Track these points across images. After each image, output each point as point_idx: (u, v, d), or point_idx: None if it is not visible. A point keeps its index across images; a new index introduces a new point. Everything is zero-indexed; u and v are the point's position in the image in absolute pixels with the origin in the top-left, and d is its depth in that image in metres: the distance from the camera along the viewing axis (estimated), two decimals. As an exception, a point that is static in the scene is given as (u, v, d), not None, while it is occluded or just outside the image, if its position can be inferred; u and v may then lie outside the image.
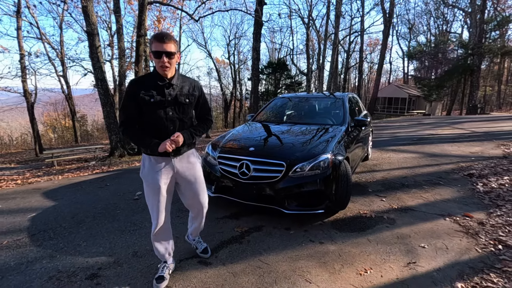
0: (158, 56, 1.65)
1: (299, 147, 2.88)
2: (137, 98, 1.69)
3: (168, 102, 1.74)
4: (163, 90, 1.73)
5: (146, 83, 1.73)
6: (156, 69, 1.73)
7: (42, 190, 3.96)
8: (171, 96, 1.75)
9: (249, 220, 2.87)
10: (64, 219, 2.92)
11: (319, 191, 2.68)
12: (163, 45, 1.64)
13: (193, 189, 1.96)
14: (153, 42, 1.66)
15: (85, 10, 8.52)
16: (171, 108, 1.76)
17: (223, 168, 2.96)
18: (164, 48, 1.64)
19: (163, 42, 1.63)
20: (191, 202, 2.01)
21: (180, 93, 1.79)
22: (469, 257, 2.24)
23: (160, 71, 1.71)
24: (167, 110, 1.75)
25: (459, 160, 5.43)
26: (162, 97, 1.73)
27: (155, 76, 1.74)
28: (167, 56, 1.65)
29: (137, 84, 1.73)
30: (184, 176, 1.90)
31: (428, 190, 3.80)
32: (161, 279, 1.90)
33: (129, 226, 2.76)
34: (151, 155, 1.79)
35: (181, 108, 1.81)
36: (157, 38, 1.64)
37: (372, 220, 2.91)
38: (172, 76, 1.77)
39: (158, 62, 1.67)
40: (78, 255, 2.24)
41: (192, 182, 1.94)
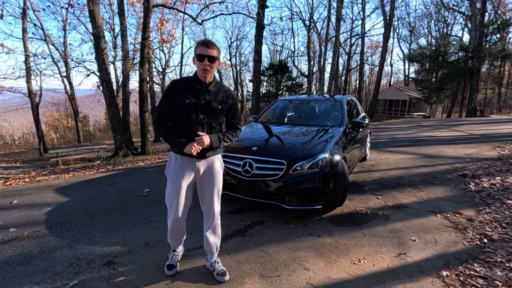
0: (201, 59, 1.76)
1: (299, 147, 3.08)
2: (173, 97, 1.81)
3: (201, 106, 1.83)
4: (198, 94, 1.82)
5: (185, 84, 1.84)
6: (196, 72, 1.85)
7: (54, 186, 4.16)
8: (205, 100, 1.84)
9: (251, 215, 3.06)
10: (78, 213, 3.11)
11: (318, 188, 2.87)
12: (207, 50, 1.75)
13: (211, 191, 2.00)
14: (198, 47, 1.77)
15: (91, 13, 8.74)
16: (202, 112, 1.85)
17: (227, 167, 3.15)
18: (207, 52, 1.75)
19: (207, 47, 1.75)
20: (206, 203, 2.04)
21: (214, 99, 1.87)
22: (456, 249, 2.42)
23: (201, 73, 1.81)
24: (198, 114, 1.83)
25: (454, 161, 5.60)
26: (197, 100, 1.82)
27: (194, 79, 1.85)
28: (209, 60, 1.76)
29: (176, 85, 1.86)
30: (206, 180, 1.98)
31: (422, 189, 3.98)
32: (171, 267, 2.06)
33: (139, 220, 2.95)
34: (178, 153, 1.89)
35: (213, 113, 1.88)
36: (202, 43, 1.77)
37: (368, 216, 3.10)
38: (210, 82, 1.86)
39: (200, 65, 1.77)
40: (95, 245, 2.43)
41: (211, 184, 1.99)
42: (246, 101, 35.32)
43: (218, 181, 2.03)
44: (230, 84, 36.24)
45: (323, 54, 19.91)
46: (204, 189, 2.01)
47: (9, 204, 3.43)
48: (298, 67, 32.16)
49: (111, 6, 21.38)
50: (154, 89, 22.72)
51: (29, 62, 16.20)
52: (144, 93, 10.28)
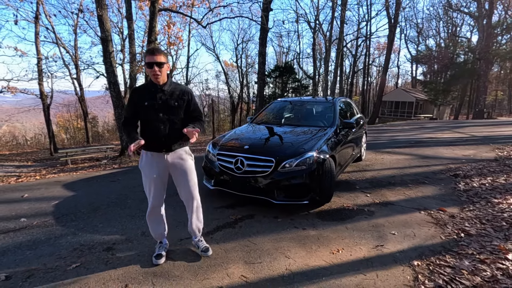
0: (150, 67, 1.97)
1: (288, 146, 3.26)
2: (135, 102, 2.07)
3: (158, 105, 2.04)
4: (155, 95, 2.05)
5: (142, 90, 2.09)
6: (150, 78, 2.06)
7: (62, 182, 4.43)
8: (161, 100, 2.05)
9: (242, 210, 3.25)
10: (82, 206, 3.36)
11: (304, 185, 3.05)
12: (154, 57, 1.96)
13: (184, 181, 2.21)
14: (146, 56, 1.99)
15: (100, 18, 9.09)
16: (161, 111, 2.05)
17: (221, 164, 3.36)
18: (155, 59, 1.96)
19: (154, 55, 1.96)
20: (183, 193, 2.26)
21: (170, 97, 2.08)
22: (432, 243, 2.57)
23: (153, 78, 2.03)
24: (158, 113, 2.05)
25: (449, 162, 5.68)
26: (154, 101, 2.04)
27: (150, 84, 2.08)
28: (157, 66, 1.97)
29: (136, 91, 2.11)
30: (176, 170, 2.18)
31: (411, 188, 4.11)
32: (159, 256, 2.25)
33: (138, 212, 3.17)
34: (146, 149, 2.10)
35: (171, 111, 2.08)
36: (149, 52, 2.00)
37: (353, 212, 3.25)
38: (164, 83, 2.08)
39: (151, 71, 1.99)
40: (96, 233, 2.66)
41: (183, 175, 2.20)
42: (252, 103, 35.58)
43: (190, 171, 2.22)
44: (236, 85, 36.56)
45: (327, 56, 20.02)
46: (178, 180, 2.22)
47: (20, 197, 3.71)
48: (303, 68, 32.28)
49: (120, 10, 22.00)
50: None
51: (41, 64, 16.78)
52: (150, 95, 10.59)
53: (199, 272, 2.11)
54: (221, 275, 2.08)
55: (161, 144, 2.09)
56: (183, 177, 2.20)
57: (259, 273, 2.10)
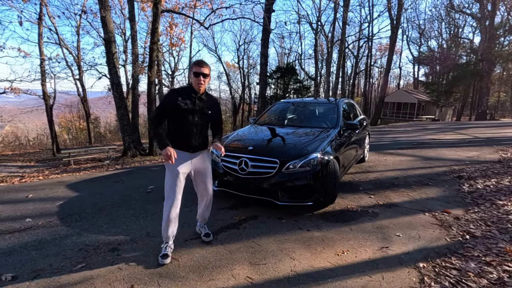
0: (197, 76, 2.25)
1: (292, 147, 3.26)
2: (174, 103, 2.25)
3: (196, 110, 2.31)
4: (195, 101, 2.31)
5: (184, 93, 2.30)
6: (193, 85, 2.30)
7: (66, 183, 4.45)
8: (199, 106, 2.33)
9: (247, 211, 3.25)
10: (87, 206, 3.37)
11: (309, 186, 3.04)
12: (201, 68, 2.25)
13: (203, 180, 2.47)
14: (194, 66, 2.27)
15: (103, 19, 9.14)
16: (197, 115, 2.32)
17: (225, 165, 3.36)
18: (201, 70, 2.25)
19: (201, 66, 2.25)
20: (201, 190, 2.51)
21: (205, 106, 2.37)
22: (437, 245, 2.56)
23: (196, 86, 2.28)
24: (194, 116, 2.31)
25: (453, 164, 5.67)
26: (193, 106, 2.30)
27: (191, 89, 2.32)
28: (203, 76, 2.25)
29: (177, 93, 2.31)
30: (198, 168, 2.42)
31: (415, 189, 4.10)
32: (165, 256, 2.30)
33: (142, 213, 3.18)
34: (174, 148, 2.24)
35: (204, 117, 2.37)
36: (197, 63, 2.28)
37: (358, 213, 3.25)
38: (203, 93, 2.35)
39: (196, 80, 2.26)
40: (101, 234, 2.67)
41: (203, 174, 2.46)
42: (254, 104, 35.60)
43: (208, 167, 2.51)
44: (238, 86, 36.61)
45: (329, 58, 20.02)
46: (198, 177, 2.46)
47: (25, 198, 3.73)
48: (305, 70, 32.30)
49: (122, 11, 22.09)
50: (162, 91, 23.21)
51: (44, 65, 16.86)
52: (153, 96, 10.64)
53: (205, 273, 2.11)
54: (226, 276, 2.08)
55: (190, 145, 2.34)
56: (203, 175, 2.46)
57: (265, 274, 2.10)
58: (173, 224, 2.37)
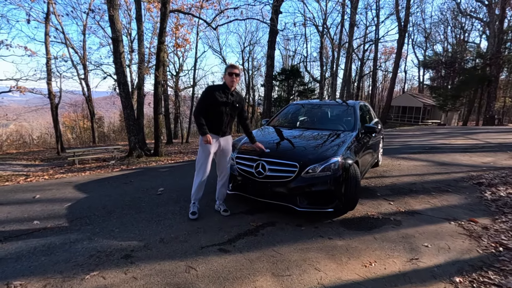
0: (231, 75, 2.90)
1: (311, 150, 3.11)
2: (212, 96, 2.87)
3: (228, 103, 2.94)
4: (228, 95, 2.95)
5: (219, 89, 2.93)
6: (226, 82, 2.94)
7: (74, 183, 4.33)
8: (231, 100, 2.96)
9: (263, 216, 3.10)
10: (96, 209, 3.24)
11: (329, 191, 2.89)
12: (234, 69, 2.91)
13: (225, 158, 3.09)
14: (229, 68, 2.93)
15: (111, 18, 9.06)
16: (229, 107, 2.96)
17: (240, 168, 3.22)
18: (235, 71, 2.91)
19: (234, 68, 2.92)
20: (221, 167, 3.11)
21: (235, 100, 3.01)
22: (469, 257, 2.40)
23: (230, 84, 2.92)
24: (227, 108, 2.95)
25: (469, 169, 5.49)
26: (227, 100, 2.93)
27: (224, 86, 2.95)
28: (235, 76, 2.92)
29: (214, 89, 2.92)
30: (223, 148, 3.04)
31: (435, 196, 3.93)
32: (194, 213, 3.03)
33: (154, 217, 3.05)
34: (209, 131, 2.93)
35: (234, 109, 3.03)
36: (232, 66, 2.94)
37: (379, 221, 3.09)
38: (233, 90, 3.00)
39: (230, 79, 2.90)
40: (113, 239, 2.53)
41: (225, 154, 3.08)
42: (258, 106, 35.49)
43: (229, 152, 3.13)
44: (242, 88, 36.54)
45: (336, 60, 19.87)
46: (221, 156, 3.08)
47: (32, 198, 3.60)
48: (310, 72, 32.15)
49: (129, 12, 22.09)
50: (167, 92, 23.15)
51: (50, 64, 16.86)
52: (159, 96, 10.53)
53: (226, 285, 1.96)
54: (249, 288, 1.93)
55: (220, 130, 2.98)
56: (225, 155, 3.09)
57: (290, 287, 1.95)
58: (199, 191, 3.06)
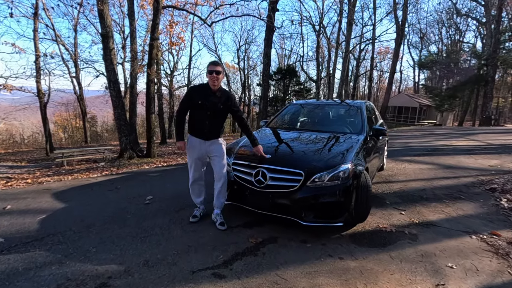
0: (211, 73, 2.61)
1: (318, 156, 2.77)
2: (191, 97, 2.69)
3: (208, 106, 2.65)
4: (208, 98, 2.66)
5: (200, 90, 2.71)
6: (208, 82, 2.67)
7: (53, 190, 3.91)
8: (211, 102, 2.66)
9: (263, 230, 2.75)
10: (73, 223, 2.85)
11: (339, 203, 2.56)
12: (214, 67, 2.61)
13: (217, 162, 2.79)
14: (209, 66, 2.63)
15: (101, 13, 8.62)
16: (209, 110, 2.67)
17: (237, 175, 2.87)
18: (215, 68, 2.61)
19: (215, 65, 2.63)
20: (216, 170, 2.80)
21: (218, 101, 2.69)
22: (502, 281, 2.08)
23: (211, 83, 2.64)
24: (207, 111, 2.66)
25: (478, 173, 5.23)
26: (206, 102, 2.65)
27: (206, 87, 2.69)
28: (216, 74, 2.61)
29: (194, 90, 2.76)
30: (211, 153, 2.78)
31: (449, 204, 3.63)
32: (195, 217, 2.91)
33: (140, 232, 2.67)
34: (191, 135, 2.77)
35: (216, 111, 2.72)
36: (212, 63, 2.65)
37: (393, 235, 2.76)
38: (217, 89, 2.69)
39: (210, 77, 2.62)
40: (88, 262, 2.15)
41: (217, 158, 2.79)
42: (253, 105, 35.10)
43: (222, 155, 2.82)
44: (237, 87, 36.13)
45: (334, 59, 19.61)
46: (213, 161, 2.81)
47: (2, 210, 3.19)
48: (306, 72, 31.89)
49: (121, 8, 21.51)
50: (161, 91, 22.66)
51: (39, 62, 16.27)
52: (151, 95, 10.11)
53: (221, 324, 1.61)
54: (249, 329, 1.58)
55: (203, 134, 2.72)
56: (217, 159, 2.79)
57: (299, 327, 1.61)
58: (198, 195, 2.95)
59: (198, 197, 2.95)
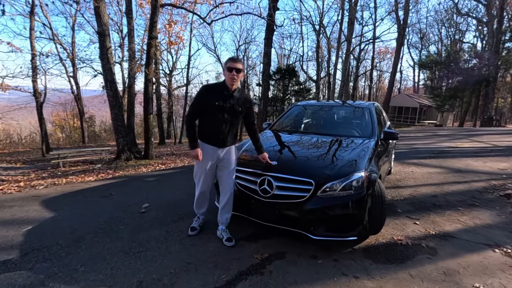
0: (230, 70, 2.28)
1: (328, 163, 2.54)
2: (207, 98, 2.33)
3: (227, 108, 2.35)
4: (226, 99, 2.33)
5: (215, 89, 2.36)
6: (226, 81, 2.35)
7: (42, 197, 3.67)
8: (230, 103, 2.35)
9: (268, 244, 2.52)
10: (61, 235, 2.61)
11: (352, 215, 2.33)
12: (235, 63, 2.28)
13: (228, 174, 2.51)
14: (228, 62, 2.30)
15: (97, 10, 8.38)
16: (227, 113, 2.36)
17: (240, 183, 2.64)
18: (235, 65, 2.28)
19: (235, 62, 2.29)
20: (224, 182, 2.52)
21: (237, 103, 2.39)
22: (537, 304, 1.86)
23: (229, 81, 2.32)
24: (224, 114, 2.35)
25: (488, 178, 5.02)
26: (224, 104, 2.33)
27: (223, 86, 2.36)
28: (236, 71, 2.28)
29: (208, 89, 2.38)
30: (224, 163, 2.48)
31: (464, 213, 3.41)
32: (193, 229, 2.67)
33: (134, 246, 2.43)
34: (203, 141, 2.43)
35: (234, 114, 2.41)
36: (232, 59, 2.32)
37: (410, 248, 2.54)
38: (235, 89, 2.38)
39: (229, 75, 2.29)
40: (74, 284, 1.92)
41: (227, 168, 2.50)
42: (253, 105, 34.82)
43: (234, 163, 2.54)
44: (237, 87, 35.79)
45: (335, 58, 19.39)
46: (222, 171, 2.51)
47: (-15, 219, 2.95)
48: (306, 71, 31.66)
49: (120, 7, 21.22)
50: (160, 91, 22.39)
51: (35, 61, 16.00)
52: (149, 95, 9.86)
53: None
54: None
55: (218, 140, 2.41)
56: (226, 169, 2.50)
57: None
58: (202, 207, 2.69)
59: (200, 208, 2.72)
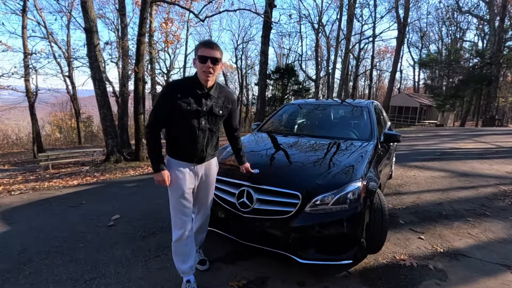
0: (203, 61, 1.61)
1: (320, 171, 2.16)
2: (173, 102, 1.65)
3: (203, 112, 1.72)
4: (201, 100, 1.70)
5: (185, 88, 1.68)
6: (197, 74, 1.68)
7: (3, 207, 3.29)
8: (207, 106, 1.73)
9: (248, 267, 2.15)
10: (6, 256, 2.23)
11: (346, 235, 1.95)
12: (210, 51, 1.62)
13: (206, 194, 1.97)
14: (200, 48, 1.63)
15: (84, 6, 8.01)
16: (204, 118, 1.74)
17: (217, 194, 2.26)
18: (210, 54, 1.61)
19: (211, 48, 1.62)
20: (200, 201, 1.98)
21: (216, 104, 1.77)
22: None
23: (203, 76, 1.66)
24: (200, 120, 1.73)
25: (497, 182, 4.66)
26: (199, 107, 1.70)
27: (195, 82, 1.69)
28: (212, 62, 1.62)
29: (176, 88, 1.68)
30: (202, 181, 1.90)
31: (474, 224, 3.04)
32: None
33: (88, 271, 2.05)
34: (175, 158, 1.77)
35: (214, 119, 1.80)
36: (205, 44, 1.64)
37: (415, 271, 2.17)
38: (211, 86, 1.73)
39: (202, 67, 1.62)
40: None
41: (207, 187, 1.96)
42: (251, 105, 34.48)
43: (214, 182, 2.02)
44: (235, 87, 35.55)
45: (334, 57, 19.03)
46: (200, 191, 1.93)
47: None
48: (305, 71, 31.28)
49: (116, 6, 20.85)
50: (156, 92, 22.02)
51: (27, 60, 15.65)
52: (140, 94, 9.48)
53: None
54: None
55: (196, 155, 1.78)
56: (206, 190, 1.96)
57: None
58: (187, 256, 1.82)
59: (186, 262, 1.84)
